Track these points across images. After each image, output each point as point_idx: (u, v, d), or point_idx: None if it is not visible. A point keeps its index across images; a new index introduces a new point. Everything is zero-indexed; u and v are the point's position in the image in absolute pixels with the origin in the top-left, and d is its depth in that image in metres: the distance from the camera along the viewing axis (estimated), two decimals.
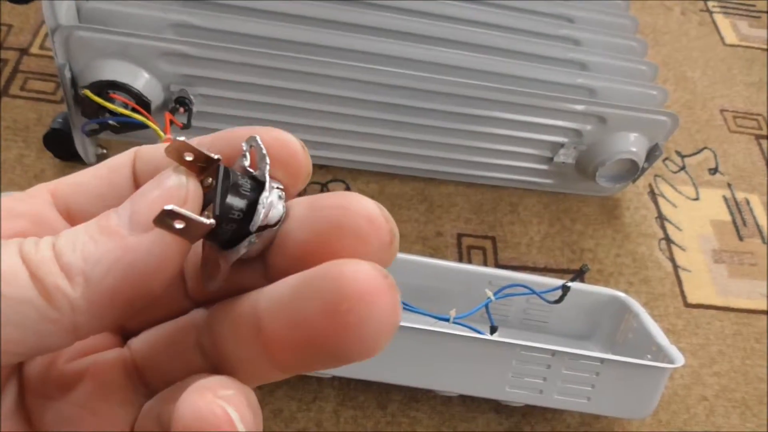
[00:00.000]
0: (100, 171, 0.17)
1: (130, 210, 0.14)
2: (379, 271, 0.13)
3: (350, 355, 0.13)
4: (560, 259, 0.58)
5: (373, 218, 0.14)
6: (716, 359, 0.54)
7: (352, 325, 0.12)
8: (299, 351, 0.13)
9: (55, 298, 0.13)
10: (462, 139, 0.58)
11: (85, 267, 0.13)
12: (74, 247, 0.13)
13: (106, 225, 0.14)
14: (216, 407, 0.12)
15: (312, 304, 0.13)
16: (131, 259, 0.13)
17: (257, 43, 0.51)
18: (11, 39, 0.64)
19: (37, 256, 0.13)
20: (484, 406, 0.48)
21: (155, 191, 0.14)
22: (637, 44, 0.62)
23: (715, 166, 0.69)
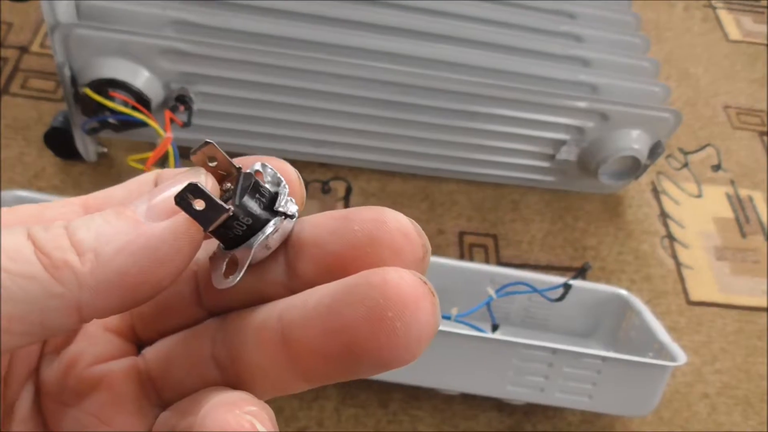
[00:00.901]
0: (130, 186, 0.17)
1: (147, 201, 0.14)
2: (420, 277, 0.13)
3: (392, 362, 0.13)
4: (562, 257, 0.58)
5: (408, 233, 0.14)
6: (718, 357, 0.54)
7: (399, 330, 0.12)
8: (334, 360, 0.13)
9: (61, 273, 0.13)
10: (463, 136, 0.57)
11: (96, 244, 0.13)
12: (88, 227, 0.14)
13: (122, 211, 0.14)
14: (245, 422, 0.13)
15: (355, 311, 0.13)
16: (143, 243, 0.14)
17: (257, 41, 0.51)
18: (11, 37, 0.64)
19: (45, 235, 0.13)
20: (485, 405, 0.48)
21: (174, 186, 0.14)
22: (640, 41, 0.62)
23: (718, 162, 0.68)
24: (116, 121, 0.47)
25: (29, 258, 0.13)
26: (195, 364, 0.16)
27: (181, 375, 0.16)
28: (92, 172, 0.56)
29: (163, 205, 0.14)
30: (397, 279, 0.13)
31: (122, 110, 0.47)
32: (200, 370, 0.16)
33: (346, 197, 0.59)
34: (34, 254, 0.13)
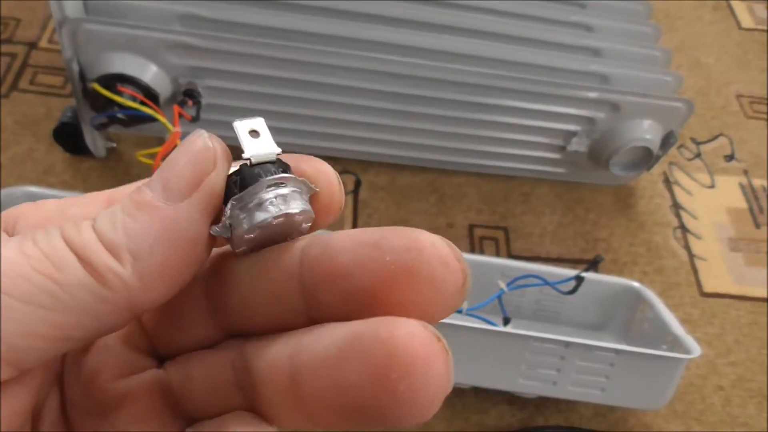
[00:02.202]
0: None
1: (161, 181, 0.14)
2: (432, 332, 0.12)
3: (397, 423, 0.12)
4: (573, 249, 0.58)
5: (448, 261, 0.13)
6: (732, 349, 0.53)
7: (403, 393, 0.11)
8: (339, 414, 0.12)
9: (107, 279, 0.13)
10: (473, 128, 0.57)
11: (129, 244, 0.13)
12: (114, 225, 0.13)
13: (140, 200, 0.14)
14: None
15: (358, 368, 0.12)
16: (173, 229, 0.13)
17: (265, 34, 0.50)
18: (19, 33, 0.64)
19: (80, 238, 0.13)
20: (497, 398, 0.48)
21: (183, 158, 0.14)
22: (651, 30, 0.61)
23: (731, 152, 0.67)
24: (125, 116, 0.47)
25: (74, 266, 0.13)
26: (217, 386, 0.15)
27: (204, 395, 0.15)
28: (101, 168, 0.56)
29: (178, 181, 0.14)
30: (406, 336, 0.12)
31: (131, 105, 0.47)
32: (223, 392, 0.15)
33: (355, 191, 0.59)
34: (79, 263, 0.13)
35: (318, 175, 0.15)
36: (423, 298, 0.12)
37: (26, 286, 0.12)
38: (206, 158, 0.14)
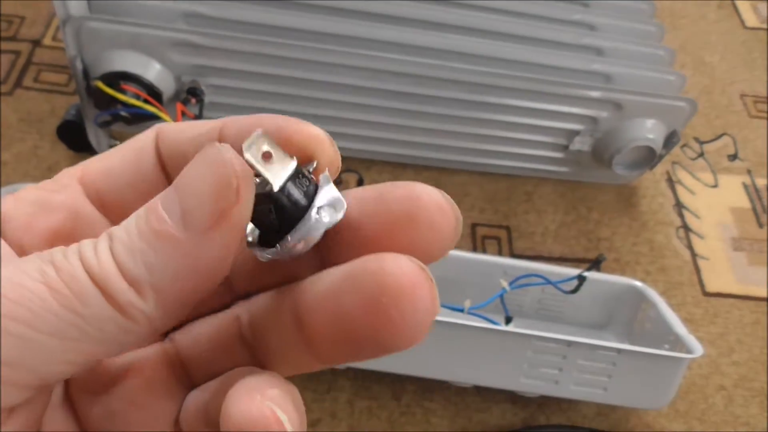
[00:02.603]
0: (127, 155, 0.17)
1: (180, 207, 0.13)
2: (417, 264, 0.13)
3: (391, 347, 0.13)
4: (576, 249, 0.58)
5: (444, 208, 0.14)
6: (735, 348, 0.53)
7: (394, 317, 0.13)
8: (341, 345, 0.14)
9: (131, 313, 0.13)
10: (475, 127, 0.57)
11: (151, 279, 0.13)
12: (134, 256, 0.13)
13: (160, 229, 0.13)
14: (266, 409, 0.13)
15: (353, 299, 0.13)
16: (194, 263, 0.13)
17: (269, 33, 0.50)
18: (24, 31, 0.64)
19: (101, 270, 0.13)
20: (499, 397, 0.48)
21: (204, 185, 0.13)
22: (654, 28, 0.61)
23: (734, 152, 0.67)
24: (128, 114, 0.47)
25: (98, 300, 0.13)
26: (224, 345, 0.16)
27: (210, 357, 0.16)
28: None
29: (199, 212, 0.13)
30: (393, 266, 0.13)
31: (134, 103, 0.47)
32: (229, 351, 0.16)
33: None
34: (103, 297, 0.13)
35: (311, 142, 0.15)
36: (423, 240, 0.14)
37: (53, 321, 0.13)
38: (229, 188, 0.13)
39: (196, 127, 0.17)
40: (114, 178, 0.17)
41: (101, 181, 0.17)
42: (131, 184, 0.17)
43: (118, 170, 0.17)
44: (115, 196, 0.17)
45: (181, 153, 0.17)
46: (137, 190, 0.17)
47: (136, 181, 0.17)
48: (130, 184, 0.17)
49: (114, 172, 0.17)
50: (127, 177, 0.17)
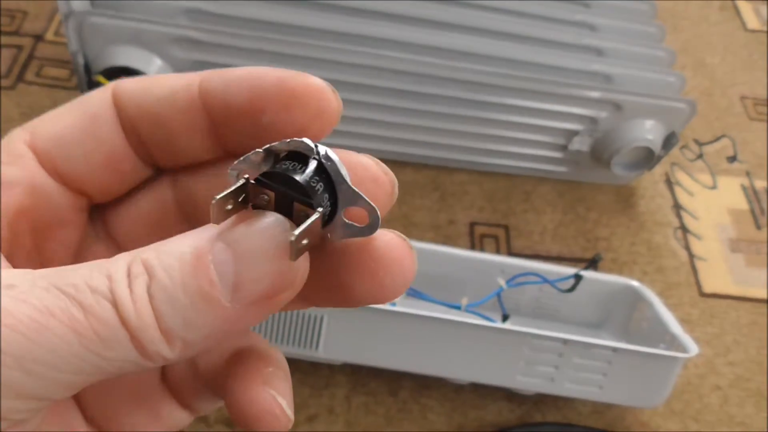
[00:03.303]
0: (80, 122, 0.16)
1: (234, 279, 0.13)
2: (403, 238, 0.15)
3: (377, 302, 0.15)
4: (574, 248, 0.58)
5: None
6: (731, 349, 0.53)
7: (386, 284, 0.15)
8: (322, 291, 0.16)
9: (153, 358, 0.13)
10: (475, 126, 0.57)
11: (185, 335, 0.13)
12: (175, 309, 0.13)
13: (208, 292, 0.13)
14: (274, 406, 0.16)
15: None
16: (231, 328, 0.14)
17: (270, 29, 0.51)
18: (26, 26, 0.64)
19: (138, 320, 0.13)
20: (495, 394, 0.48)
21: (265, 266, 0.13)
22: (655, 29, 0.61)
23: (733, 154, 0.68)
24: None
25: (125, 345, 0.13)
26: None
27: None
28: None
29: (252, 290, 0.13)
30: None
31: None
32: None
33: None
34: (130, 342, 0.13)
35: (315, 95, 0.15)
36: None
37: (75, 362, 0.13)
38: (289, 279, 0.14)
39: (165, 83, 0.16)
40: (69, 148, 0.16)
41: (55, 150, 0.16)
42: (88, 154, 0.16)
43: (72, 139, 0.16)
44: (73, 166, 0.16)
45: (152, 115, 0.16)
46: (95, 159, 0.16)
47: (93, 151, 0.16)
48: (88, 153, 0.16)
49: (68, 141, 0.16)
50: (84, 146, 0.16)
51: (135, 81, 0.16)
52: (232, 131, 0.16)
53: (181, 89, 0.16)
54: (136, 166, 0.17)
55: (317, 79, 0.15)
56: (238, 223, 0.14)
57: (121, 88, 0.16)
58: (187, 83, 0.16)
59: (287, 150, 0.14)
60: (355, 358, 0.43)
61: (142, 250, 0.14)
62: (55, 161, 0.16)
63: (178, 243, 0.14)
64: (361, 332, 0.41)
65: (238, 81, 0.15)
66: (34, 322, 0.12)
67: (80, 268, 0.13)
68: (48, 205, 0.16)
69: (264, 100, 0.15)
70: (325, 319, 0.41)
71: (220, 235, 0.14)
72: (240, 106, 0.15)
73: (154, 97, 0.16)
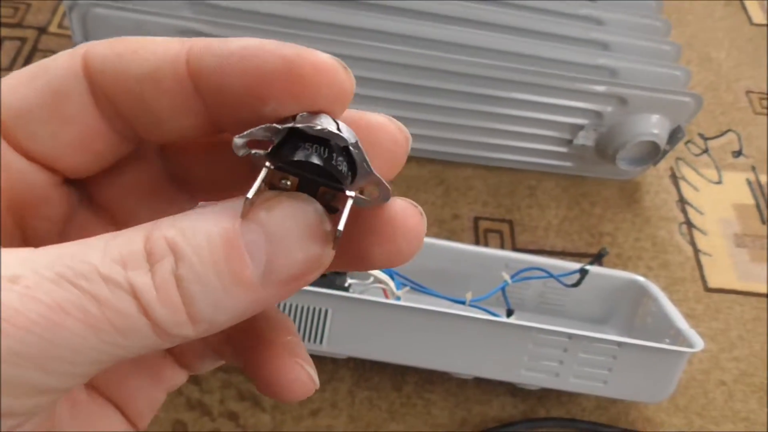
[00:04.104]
0: (44, 96, 0.14)
1: (266, 260, 0.13)
2: (415, 205, 0.15)
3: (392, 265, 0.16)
4: (578, 243, 0.58)
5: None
6: (736, 344, 0.53)
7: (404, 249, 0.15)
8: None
9: (173, 340, 0.13)
10: (479, 120, 0.57)
11: (213, 316, 0.13)
12: (205, 293, 0.13)
13: (240, 274, 0.13)
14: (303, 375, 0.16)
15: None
16: (256, 308, 0.13)
17: (274, 22, 0.50)
18: (30, 18, 0.64)
19: (161, 306, 0.12)
20: (499, 389, 0.48)
21: (300, 252, 0.13)
22: (661, 24, 0.60)
23: (739, 148, 0.67)
24: None
25: (146, 334, 0.13)
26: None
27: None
28: None
29: (285, 273, 0.13)
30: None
31: None
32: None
33: None
34: (151, 330, 0.13)
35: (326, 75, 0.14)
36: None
37: (91, 354, 0.12)
38: (321, 264, 0.14)
39: (145, 55, 0.14)
40: (32, 126, 0.14)
41: (16, 126, 0.14)
42: (54, 134, 0.15)
43: (35, 116, 0.14)
44: (38, 145, 0.15)
45: (132, 93, 0.14)
46: (63, 139, 0.15)
47: (59, 131, 0.15)
48: (54, 133, 0.15)
49: (30, 118, 0.14)
50: (49, 125, 0.14)
51: (107, 46, 0.15)
52: (229, 116, 0.14)
53: (166, 66, 0.14)
54: (113, 143, 0.15)
55: (327, 56, 0.14)
56: (267, 203, 0.13)
57: (93, 57, 0.14)
58: (172, 59, 0.14)
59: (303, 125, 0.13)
60: (359, 352, 0.43)
61: (159, 227, 0.13)
62: (18, 139, 0.14)
63: (203, 221, 0.13)
64: (365, 326, 0.41)
65: (234, 61, 0.14)
66: (47, 320, 0.12)
67: (86, 249, 0.12)
68: (21, 184, 0.15)
69: (267, 86, 0.13)
70: (329, 313, 0.40)
71: (251, 214, 0.13)
72: (237, 91, 0.14)
73: (133, 74, 0.14)
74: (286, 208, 0.13)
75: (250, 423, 0.44)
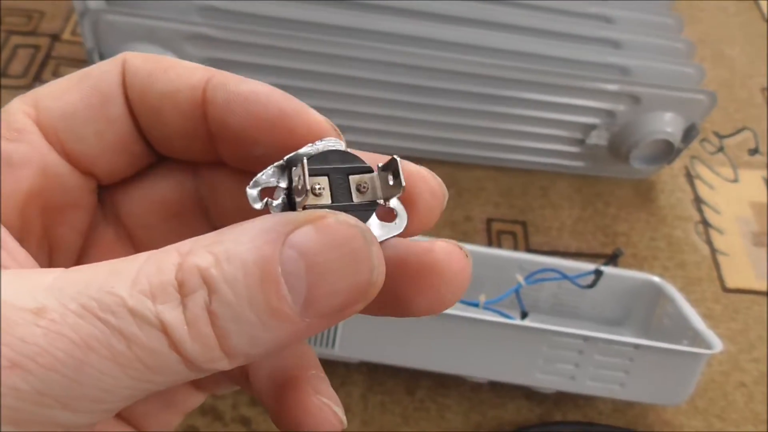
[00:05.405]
0: (89, 98, 0.15)
1: (306, 294, 0.12)
2: (460, 247, 0.15)
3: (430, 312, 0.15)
4: (593, 244, 0.57)
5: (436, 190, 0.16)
6: (755, 345, 0.52)
7: (443, 295, 0.15)
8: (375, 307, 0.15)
9: (206, 373, 0.12)
10: (491, 121, 0.56)
11: (249, 350, 0.12)
12: (240, 328, 0.12)
13: (278, 308, 0.12)
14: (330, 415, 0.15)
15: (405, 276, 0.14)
16: (295, 341, 0.13)
17: (283, 26, 0.50)
18: (44, 25, 0.65)
19: (192, 343, 0.12)
20: (514, 393, 0.47)
21: (342, 281, 0.12)
22: (673, 21, 0.60)
23: (755, 146, 0.66)
24: None
25: (179, 369, 0.12)
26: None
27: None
28: None
29: (326, 305, 0.12)
30: (446, 253, 0.15)
31: None
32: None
33: None
34: (183, 364, 0.12)
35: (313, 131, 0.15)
36: None
37: (121, 392, 0.12)
38: (367, 292, 0.13)
39: (170, 76, 0.15)
40: (78, 126, 0.15)
41: (63, 127, 0.15)
42: (99, 134, 0.15)
43: (82, 117, 0.15)
44: (82, 146, 0.15)
45: (153, 108, 0.15)
46: (106, 140, 0.15)
47: (105, 131, 0.15)
48: (99, 133, 0.15)
49: (77, 118, 0.15)
50: (95, 126, 0.15)
51: (142, 60, 0.15)
52: (228, 149, 0.15)
53: (186, 90, 0.15)
54: (144, 149, 0.16)
55: (319, 116, 0.15)
56: (307, 225, 0.12)
57: (130, 67, 0.15)
58: (192, 86, 0.15)
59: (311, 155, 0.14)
60: (372, 356, 0.42)
61: (193, 253, 0.12)
62: (63, 140, 0.15)
63: (239, 247, 0.12)
64: (377, 331, 0.41)
65: (239, 101, 0.14)
66: (73, 358, 0.11)
67: (115, 277, 0.12)
68: (59, 187, 0.15)
69: (259, 130, 0.14)
70: None
71: (289, 241, 0.12)
72: (236, 129, 0.14)
73: (157, 90, 0.15)
74: (329, 232, 0.12)
75: (262, 428, 0.44)
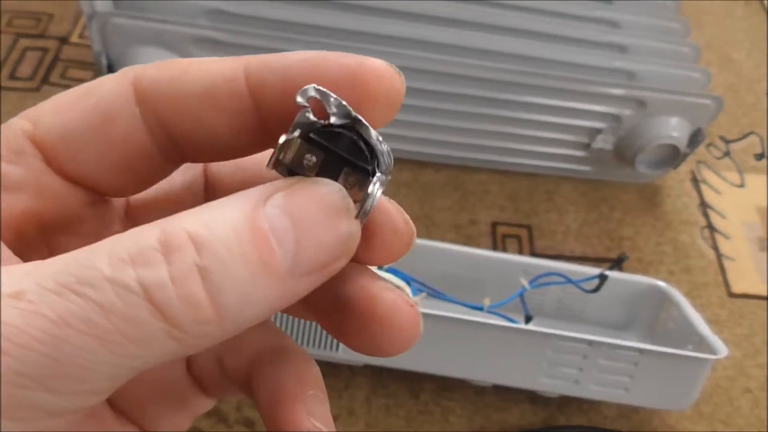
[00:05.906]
0: (91, 118, 0.14)
1: (294, 248, 0.12)
2: (411, 304, 0.15)
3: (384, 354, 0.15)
4: (598, 248, 0.57)
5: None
6: (761, 350, 0.52)
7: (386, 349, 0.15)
8: None
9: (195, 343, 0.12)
10: (496, 125, 0.56)
11: (240, 309, 0.12)
12: (233, 285, 0.12)
13: (270, 262, 0.12)
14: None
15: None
16: (283, 302, 0.13)
17: (290, 29, 0.51)
18: (52, 28, 0.65)
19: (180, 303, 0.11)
20: (518, 397, 0.47)
21: (327, 235, 0.13)
22: (679, 25, 0.60)
23: (761, 151, 0.66)
24: None
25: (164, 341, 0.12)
26: None
27: None
28: None
29: (314, 261, 0.12)
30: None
31: None
32: None
33: None
34: (170, 335, 0.11)
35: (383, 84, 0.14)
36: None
37: (105, 370, 0.11)
38: (348, 249, 0.13)
39: (199, 74, 0.14)
40: (77, 147, 0.14)
41: (61, 146, 0.14)
42: (100, 155, 0.14)
43: (81, 137, 0.14)
44: (81, 166, 0.14)
45: (188, 113, 0.14)
46: (107, 161, 0.14)
47: (105, 152, 0.14)
48: (99, 154, 0.14)
49: (75, 139, 0.14)
50: (95, 147, 0.14)
51: (159, 69, 0.14)
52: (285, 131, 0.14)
53: (222, 84, 0.14)
54: (155, 165, 0.15)
55: (383, 63, 0.14)
56: (288, 188, 0.13)
57: (144, 80, 0.14)
58: (229, 76, 0.14)
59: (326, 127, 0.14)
60: (376, 360, 0.42)
61: (177, 219, 0.12)
62: (61, 159, 0.14)
63: (222, 210, 0.12)
64: None
65: (295, 74, 0.14)
66: (49, 335, 0.11)
67: (92, 253, 0.11)
68: (57, 206, 0.15)
69: None
70: None
71: (270, 201, 0.12)
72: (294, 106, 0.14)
73: (189, 94, 0.14)
74: (308, 190, 0.13)
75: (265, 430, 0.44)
